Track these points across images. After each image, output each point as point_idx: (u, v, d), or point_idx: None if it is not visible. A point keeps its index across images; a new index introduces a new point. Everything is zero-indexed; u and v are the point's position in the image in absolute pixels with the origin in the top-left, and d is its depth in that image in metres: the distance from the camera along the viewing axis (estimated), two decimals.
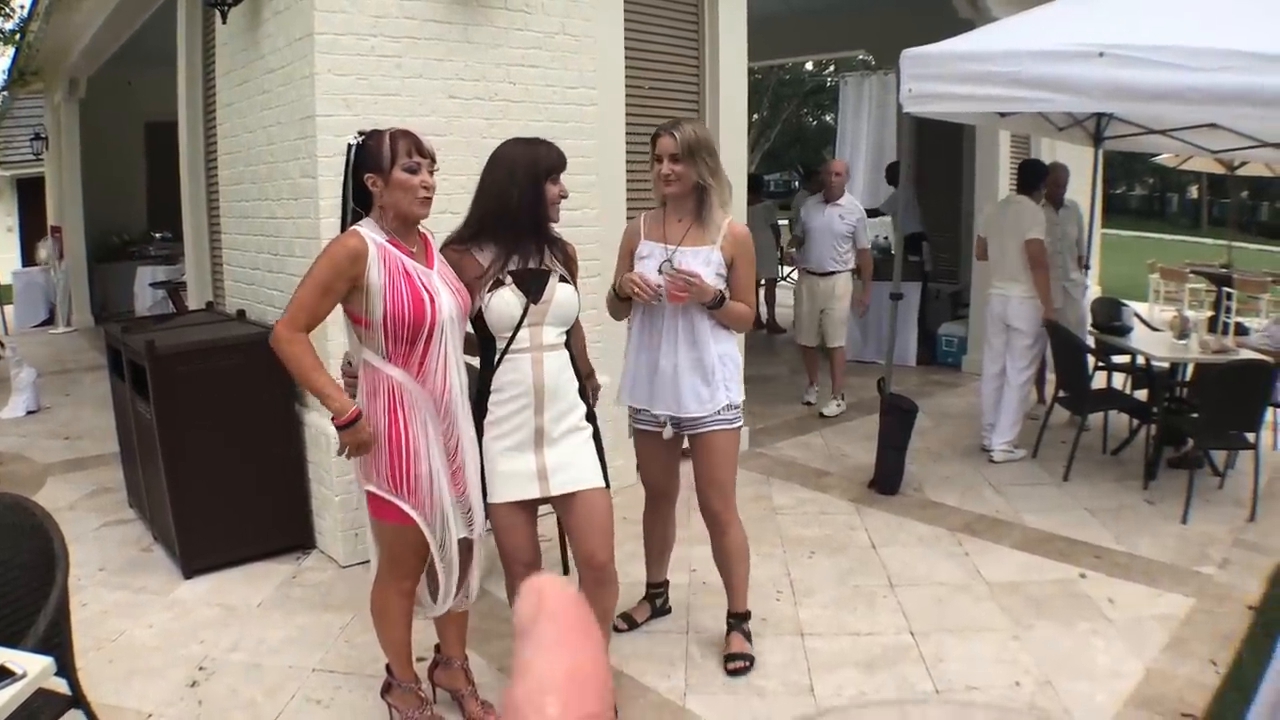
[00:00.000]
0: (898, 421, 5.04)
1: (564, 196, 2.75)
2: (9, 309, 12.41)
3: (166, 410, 3.95)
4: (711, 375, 3.07)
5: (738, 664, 3.25)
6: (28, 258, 17.51)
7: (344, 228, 2.55)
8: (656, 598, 3.64)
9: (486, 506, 2.73)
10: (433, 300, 2.49)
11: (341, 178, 2.55)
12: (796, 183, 11.24)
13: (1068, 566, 4.00)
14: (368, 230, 2.50)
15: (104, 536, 4.58)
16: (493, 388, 2.71)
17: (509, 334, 2.68)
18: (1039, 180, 5.83)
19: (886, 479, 5.04)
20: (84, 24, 8.77)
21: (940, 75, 4.58)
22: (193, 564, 4.04)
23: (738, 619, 3.36)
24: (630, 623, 3.55)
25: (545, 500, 2.76)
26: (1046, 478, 5.27)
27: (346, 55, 3.87)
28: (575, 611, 0.33)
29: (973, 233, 8.00)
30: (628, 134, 4.87)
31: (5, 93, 10.38)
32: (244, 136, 4.64)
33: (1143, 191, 37.80)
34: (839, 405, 6.80)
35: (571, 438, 2.74)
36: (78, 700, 2.23)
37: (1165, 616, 3.56)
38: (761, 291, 9.68)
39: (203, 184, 5.66)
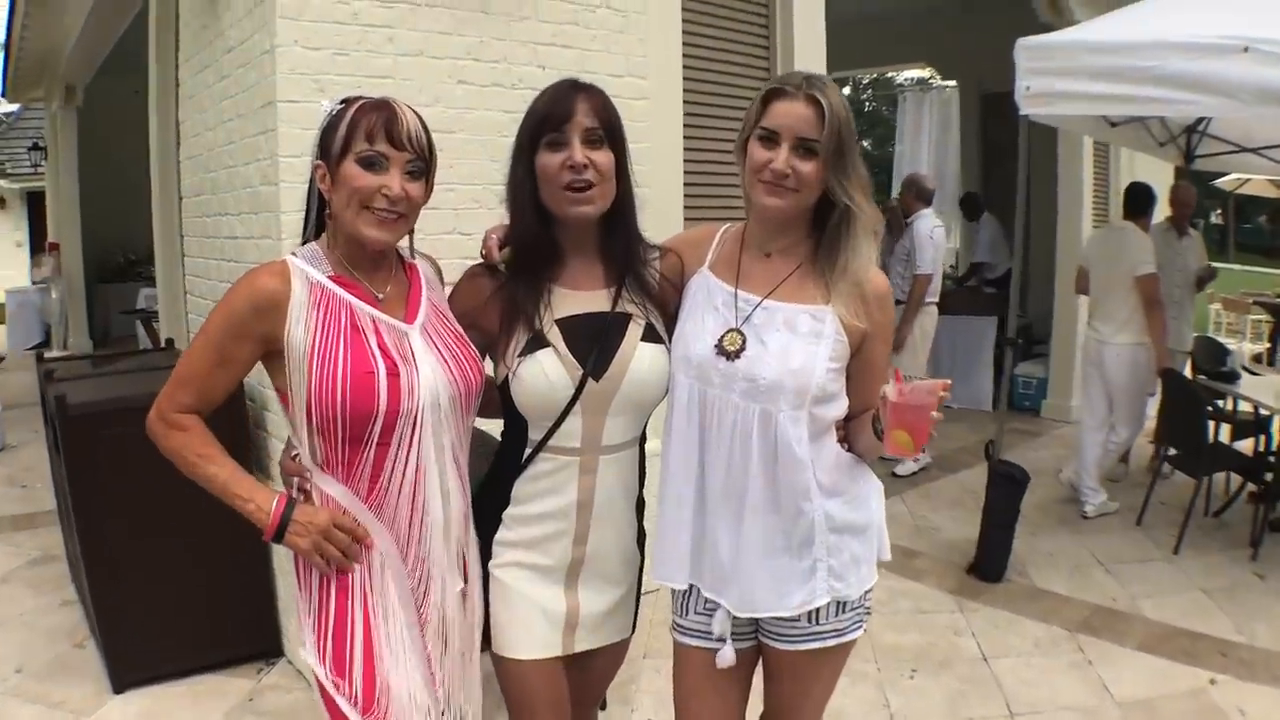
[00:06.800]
0: (1006, 495, 4.33)
1: (576, 167, 1.65)
2: (1, 330, 11.83)
3: (84, 485, 3.09)
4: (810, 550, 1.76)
5: None
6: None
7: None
8: None
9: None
10: (393, 375, 1.54)
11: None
12: None
13: (1196, 670, 3.63)
14: (303, 260, 1.60)
15: (33, 624, 3.86)
16: (514, 496, 1.78)
17: (549, 423, 1.73)
18: (1149, 205, 5.30)
19: (990, 564, 4.35)
20: (70, 25, 8.14)
21: (1064, 70, 4.01)
22: (124, 676, 3.32)
23: None
24: None
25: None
26: (1154, 551, 4.81)
27: (320, 23, 2.95)
28: None
29: (1036, 260, 7.47)
30: (685, 137, 3.96)
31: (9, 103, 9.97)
32: (205, 135, 3.75)
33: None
34: (915, 461, 5.90)
35: (617, 577, 1.87)
36: None
37: None
38: None
39: (174, 196, 4.74)
